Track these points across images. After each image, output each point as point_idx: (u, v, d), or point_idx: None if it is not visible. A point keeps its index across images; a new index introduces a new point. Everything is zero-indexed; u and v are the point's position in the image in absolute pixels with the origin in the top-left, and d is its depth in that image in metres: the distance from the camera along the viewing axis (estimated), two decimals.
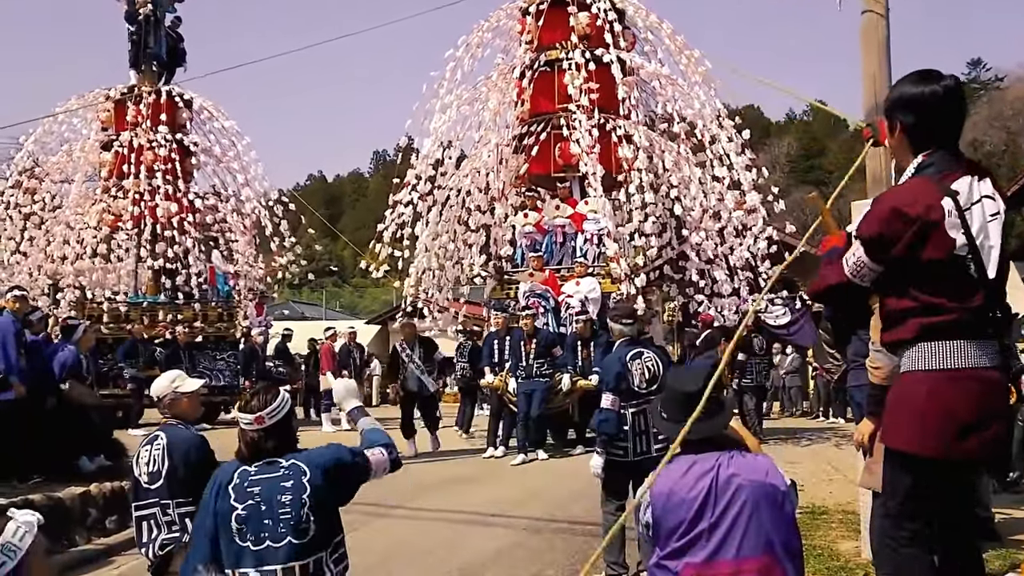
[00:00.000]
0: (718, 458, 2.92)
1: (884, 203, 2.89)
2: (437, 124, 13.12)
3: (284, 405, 3.16)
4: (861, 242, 2.89)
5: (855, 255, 2.91)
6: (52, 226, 15.43)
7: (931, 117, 2.91)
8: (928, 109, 2.90)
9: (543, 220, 13.02)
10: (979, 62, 63.94)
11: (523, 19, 13.72)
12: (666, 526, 2.89)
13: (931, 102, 2.89)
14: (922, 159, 2.91)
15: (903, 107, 2.94)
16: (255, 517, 2.99)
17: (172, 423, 4.37)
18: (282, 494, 3.00)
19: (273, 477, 3.04)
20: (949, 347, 2.79)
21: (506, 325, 11.69)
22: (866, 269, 2.90)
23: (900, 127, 2.95)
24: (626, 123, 12.41)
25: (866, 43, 5.81)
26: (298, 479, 3.02)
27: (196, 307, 15.59)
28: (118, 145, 15.87)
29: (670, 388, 3.24)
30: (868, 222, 2.88)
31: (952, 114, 2.94)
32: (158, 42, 16.80)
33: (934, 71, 2.94)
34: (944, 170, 2.85)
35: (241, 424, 3.15)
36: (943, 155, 2.89)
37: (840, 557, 5.61)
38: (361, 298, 61.64)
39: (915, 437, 2.82)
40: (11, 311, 8.21)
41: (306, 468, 3.04)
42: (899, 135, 2.97)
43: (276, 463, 3.07)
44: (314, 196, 53.58)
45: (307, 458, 3.09)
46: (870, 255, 2.86)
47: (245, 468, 3.09)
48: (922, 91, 2.90)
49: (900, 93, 2.97)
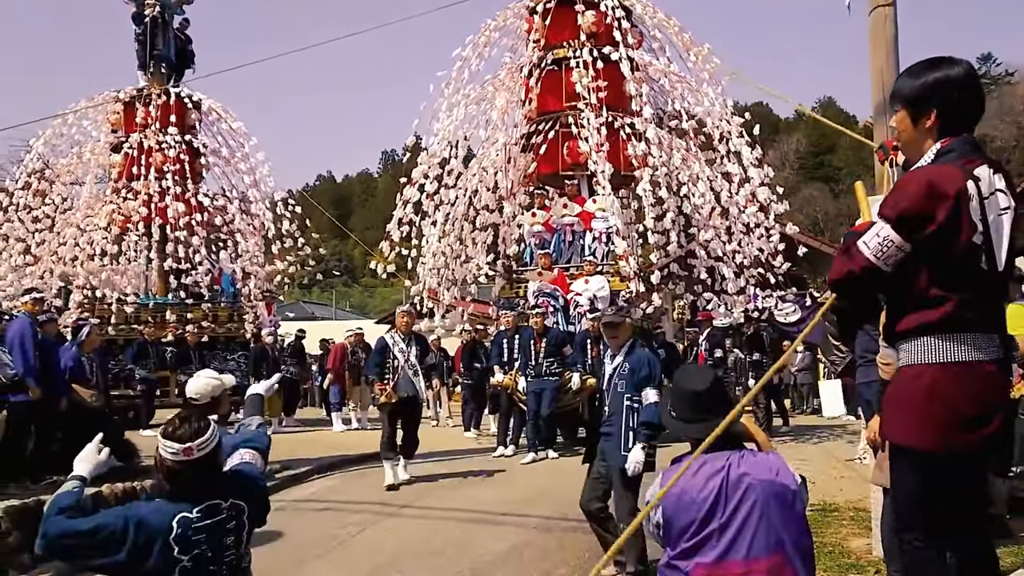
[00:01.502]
0: (728, 457, 2.91)
1: (917, 178, 2.76)
2: (444, 123, 13.13)
3: (214, 438, 2.86)
4: (889, 220, 2.73)
5: (879, 235, 2.74)
6: (63, 228, 15.52)
7: (961, 101, 2.85)
8: (960, 92, 2.83)
9: (551, 219, 13.02)
10: (989, 57, 63.64)
11: (530, 18, 13.71)
12: (677, 526, 2.89)
13: (963, 84, 2.83)
14: (941, 146, 2.82)
15: (938, 92, 2.82)
16: (201, 568, 2.78)
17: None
18: (226, 536, 2.84)
19: (218, 521, 2.82)
20: (953, 340, 2.74)
21: (515, 324, 11.69)
22: (893, 248, 2.72)
23: (935, 113, 2.83)
24: (635, 121, 12.40)
25: (874, 39, 5.80)
26: (240, 519, 2.87)
27: (205, 308, 15.65)
28: (127, 147, 15.95)
29: (679, 387, 3.20)
30: (900, 198, 2.74)
31: (978, 98, 2.90)
32: (166, 44, 16.87)
33: (947, 56, 2.88)
34: (966, 155, 2.79)
35: (163, 452, 2.81)
36: (964, 141, 2.84)
37: (851, 554, 5.60)
38: (371, 298, 61.82)
39: (914, 431, 2.78)
40: (27, 312, 8.27)
41: (245, 505, 2.89)
42: (932, 121, 2.84)
43: (217, 506, 2.83)
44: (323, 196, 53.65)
45: (242, 492, 2.92)
46: (901, 233, 2.70)
47: (185, 515, 2.77)
48: (949, 74, 2.82)
49: (931, 79, 2.84)
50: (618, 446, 5.47)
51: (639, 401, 5.50)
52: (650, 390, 5.47)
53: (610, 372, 5.68)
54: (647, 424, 5.37)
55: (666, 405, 3.22)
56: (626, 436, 5.45)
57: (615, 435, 5.50)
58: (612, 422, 5.55)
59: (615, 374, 5.63)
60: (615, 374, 5.63)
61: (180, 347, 14.72)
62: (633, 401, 5.51)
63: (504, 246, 13.46)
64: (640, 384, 5.50)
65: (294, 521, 6.74)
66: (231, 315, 15.91)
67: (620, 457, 5.43)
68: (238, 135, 17.34)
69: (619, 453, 5.45)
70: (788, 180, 47.21)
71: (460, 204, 13.07)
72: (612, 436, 5.53)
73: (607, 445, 5.56)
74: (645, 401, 5.46)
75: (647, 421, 5.38)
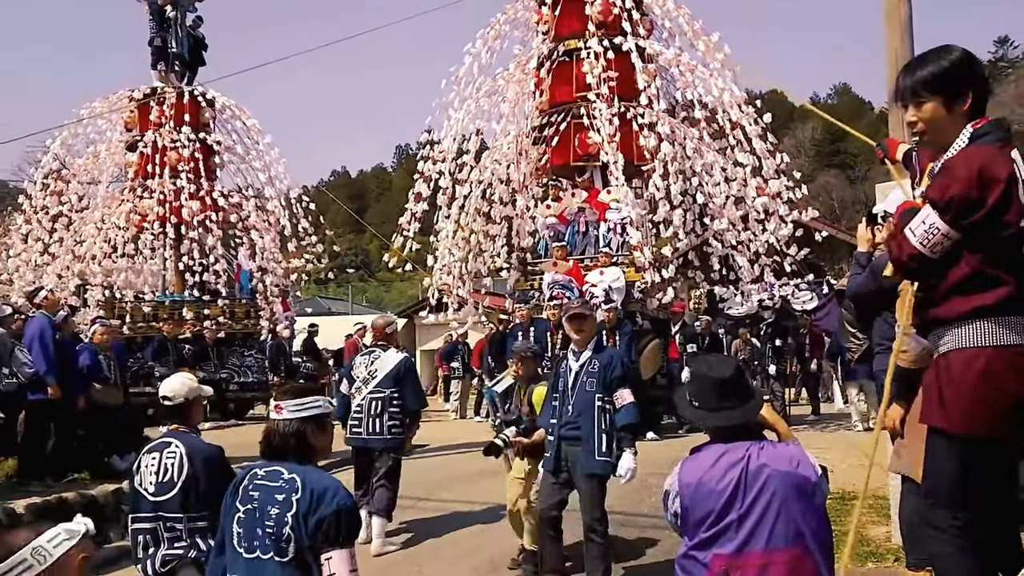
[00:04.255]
0: (748, 448, 2.88)
1: (968, 163, 2.69)
2: (457, 117, 13.13)
3: (309, 406, 3.01)
4: (936, 206, 2.67)
5: (926, 223, 2.68)
6: (80, 227, 15.64)
7: (986, 80, 2.87)
8: (983, 71, 2.86)
9: (565, 211, 12.99)
10: (1006, 40, 62.86)
11: (539, 10, 13.68)
12: (695, 516, 2.87)
13: (983, 69, 2.87)
14: (974, 127, 2.77)
15: (970, 74, 2.81)
16: (250, 524, 2.88)
17: (180, 429, 4.14)
18: (272, 506, 2.84)
19: (272, 486, 2.89)
20: (1006, 323, 2.71)
21: (530, 316, 11.67)
22: (940, 236, 2.67)
23: (971, 95, 2.79)
24: (647, 111, 12.34)
25: (889, 21, 5.75)
26: (289, 495, 2.84)
27: (222, 304, 15.73)
28: (142, 146, 16.02)
29: (700, 375, 3.11)
30: (950, 181, 2.68)
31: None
32: (180, 42, 16.92)
33: (946, 44, 2.85)
34: (1002, 139, 2.76)
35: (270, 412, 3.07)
36: (998, 124, 2.80)
37: (870, 543, 5.57)
38: (387, 292, 61.89)
39: (965, 417, 2.73)
40: (44, 311, 8.33)
41: (299, 487, 2.85)
42: (968, 104, 2.79)
43: (279, 472, 2.92)
44: (338, 192, 53.89)
45: (306, 477, 2.89)
46: (951, 222, 2.65)
47: (255, 470, 2.98)
48: (970, 56, 2.82)
49: (959, 60, 2.80)
50: (590, 451, 4.99)
51: (611, 402, 5.06)
52: (625, 390, 5.06)
53: (576, 369, 5.15)
54: (630, 427, 5.05)
55: (684, 394, 3.17)
56: (599, 440, 4.99)
57: (585, 439, 5.01)
58: (580, 424, 5.05)
59: (582, 372, 5.12)
60: (582, 372, 5.12)
61: (198, 344, 14.81)
62: (604, 402, 5.05)
63: (518, 238, 13.45)
64: (613, 384, 5.06)
65: None
66: (248, 312, 15.99)
67: (593, 463, 4.99)
68: (252, 132, 17.41)
69: (592, 459, 4.98)
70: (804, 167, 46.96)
71: (473, 197, 13.07)
72: (581, 440, 5.03)
73: (572, 449, 5.07)
74: (622, 402, 5.04)
75: (629, 423, 5.03)
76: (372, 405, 6.76)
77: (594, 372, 5.07)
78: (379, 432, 6.75)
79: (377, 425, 6.74)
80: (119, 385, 9.27)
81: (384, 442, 6.77)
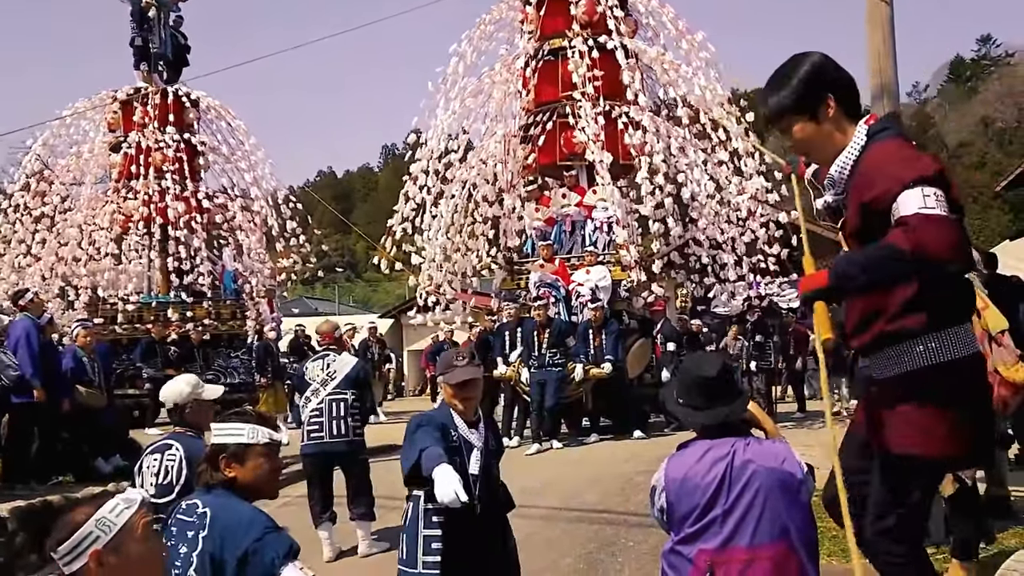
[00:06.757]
0: (734, 444, 2.89)
1: (913, 152, 2.55)
2: (442, 117, 13.12)
3: (228, 432, 2.75)
4: (927, 181, 2.38)
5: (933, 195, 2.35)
6: (63, 228, 15.53)
7: (844, 77, 2.74)
8: (836, 69, 2.73)
9: (552, 212, 13.01)
10: (989, 38, 63.44)
11: (524, 10, 13.69)
12: (680, 511, 2.89)
13: (832, 63, 2.74)
14: (867, 124, 2.66)
15: (820, 79, 2.67)
16: (169, 563, 2.60)
17: (184, 432, 4.07)
18: (182, 543, 2.61)
19: (186, 521, 2.65)
20: (966, 332, 2.58)
21: (517, 316, 11.69)
22: (948, 204, 2.39)
23: (831, 98, 2.66)
24: (632, 109, 12.36)
25: (871, 20, 5.78)
26: (197, 532, 2.59)
27: (208, 306, 15.66)
28: (126, 146, 15.93)
29: (687, 373, 3.12)
30: (923, 165, 2.44)
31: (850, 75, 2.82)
32: (163, 42, 16.84)
33: (795, 55, 2.78)
34: (901, 134, 2.66)
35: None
36: (894, 119, 2.76)
37: None
38: (375, 292, 61.84)
39: (938, 440, 2.59)
40: (29, 313, 8.29)
41: (208, 523, 2.59)
42: (833, 107, 2.66)
43: (195, 505, 2.67)
44: (325, 192, 53.76)
45: (218, 512, 2.61)
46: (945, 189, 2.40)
47: (183, 501, 2.75)
48: (813, 61, 2.70)
49: (802, 72, 2.67)
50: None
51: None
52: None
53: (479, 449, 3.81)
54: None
55: (672, 393, 3.17)
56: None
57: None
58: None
59: (486, 453, 3.84)
60: (486, 453, 3.84)
61: (184, 345, 14.75)
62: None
63: (505, 238, 13.46)
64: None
65: (299, 516, 6.76)
66: (234, 313, 15.93)
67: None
68: (238, 132, 17.34)
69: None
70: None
71: (460, 197, 13.06)
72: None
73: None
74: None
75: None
76: (333, 407, 6.52)
77: (495, 450, 4.00)
78: (343, 434, 6.52)
79: (341, 427, 6.52)
80: (103, 388, 9.23)
81: (349, 444, 6.59)
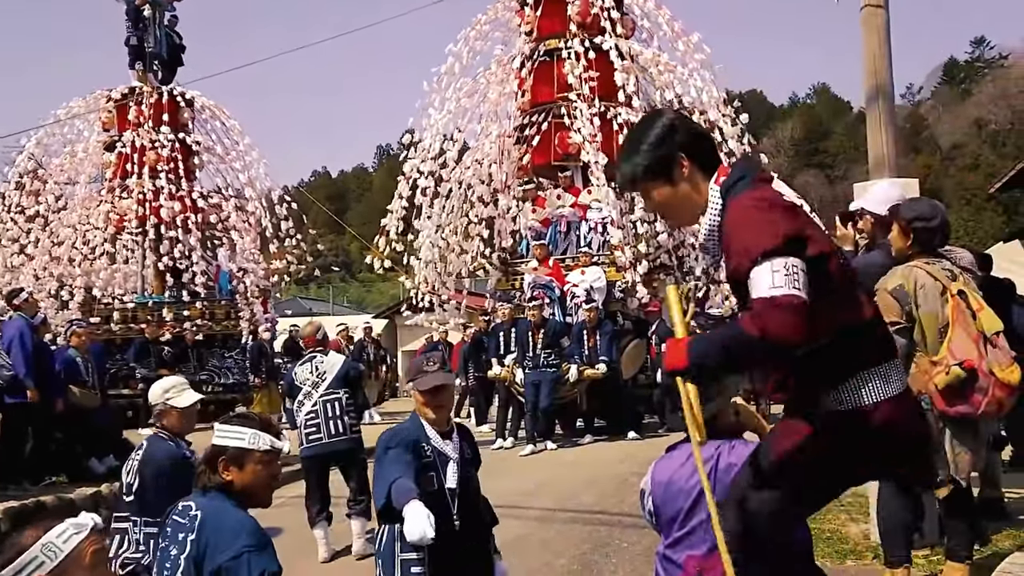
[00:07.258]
0: (718, 447, 2.84)
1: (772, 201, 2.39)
2: (438, 117, 13.12)
3: (228, 434, 2.71)
4: (775, 252, 2.23)
5: (785, 265, 2.21)
6: (57, 228, 15.48)
7: (695, 130, 2.66)
8: (684, 121, 2.64)
9: (548, 213, 13.01)
10: (983, 40, 63.82)
11: (521, 11, 13.70)
12: (666, 515, 2.88)
13: (682, 118, 2.68)
14: (718, 181, 2.51)
15: (667, 139, 2.54)
16: (160, 563, 2.65)
17: (160, 435, 4.13)
18: (173, 545, 2.60)
19: (180, 523, 2.64)
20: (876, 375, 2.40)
21: (512, 316, 11.69)
22: (802, 273, 2.24)
23: (687, 160, 2.52)
24: (627, 110, 12.37)
25: (866, 23, 5.81)
26: (187, 535, 2.58)
27: (202, 306, 15.62)
28: (121, 146, 15.90)
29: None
30: (772, 232, 2.26)
31: (701, 127, 2.79)
32: (158, 41, 16.80)
33: (643, 119, 2.72)
34: (752, 178, 2.51)
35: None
36: (746, 163, 2.66)
37: (849, 540, 5.61)
38: (369, 292, 61.87)
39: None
40: (23, 312, 8.26)
41: (197, 526, 2.57)
42: (687, 166, 2.52)
43: (189, 507, 2.65)
44: (319, 192, 53.66)
45: (209, 515, 2.59)
46: (797, 253, 2.25)
47: (180, 502, 2.72)
48: (660, 121, 2.59)
49: (652, 136, 2.55)
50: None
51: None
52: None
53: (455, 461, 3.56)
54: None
55: (666, 401, 3.16)
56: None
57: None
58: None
59: (463, 464, 3.61)
60: (463, 464, 3.61)
61: (178, 346, 14.72)
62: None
63: (500, 239, 13.46)
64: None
65: (295, 517, 6.75)
66: (228, 313, 15.89)
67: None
68: (232, 132, 17.32)
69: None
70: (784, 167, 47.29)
71: (455, 197, 13.07)
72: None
73: None
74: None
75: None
76: (328, 407, 6.57)
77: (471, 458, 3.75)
78: (342, 433, 6.57)
79: (339, 426, 6.58)
80: (97, 388, 9.20)
81: (349, 442, 6.65)
